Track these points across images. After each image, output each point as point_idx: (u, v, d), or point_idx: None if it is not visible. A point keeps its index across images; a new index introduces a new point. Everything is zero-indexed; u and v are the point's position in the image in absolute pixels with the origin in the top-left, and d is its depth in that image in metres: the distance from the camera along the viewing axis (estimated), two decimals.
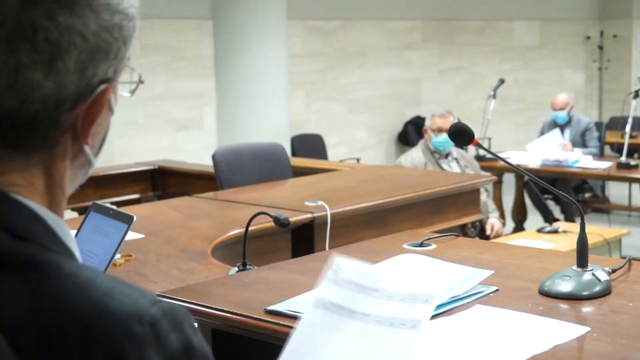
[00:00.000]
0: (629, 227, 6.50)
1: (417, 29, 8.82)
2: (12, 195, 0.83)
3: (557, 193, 1.84)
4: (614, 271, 1.88)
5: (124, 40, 0.88)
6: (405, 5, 8.63)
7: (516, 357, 1.44)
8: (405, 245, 2.23)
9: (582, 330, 1.56)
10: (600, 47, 10.77)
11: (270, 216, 2.43)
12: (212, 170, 4.49)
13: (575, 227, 5.46)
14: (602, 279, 1.77)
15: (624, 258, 2.01)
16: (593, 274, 1.78)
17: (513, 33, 9.87)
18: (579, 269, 1.80)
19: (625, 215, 8.15)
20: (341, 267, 1.47)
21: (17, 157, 0.84)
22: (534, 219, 6.92)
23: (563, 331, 1.55)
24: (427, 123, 5.46)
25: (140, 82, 1.00)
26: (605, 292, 1.76)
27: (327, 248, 3.27)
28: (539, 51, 10.16)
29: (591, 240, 4.32)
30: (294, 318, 1.55)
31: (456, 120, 5.46)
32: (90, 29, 0.82)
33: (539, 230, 5.26)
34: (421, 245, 2.23)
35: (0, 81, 0.80)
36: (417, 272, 1.87)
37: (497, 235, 5.21)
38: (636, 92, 6.13)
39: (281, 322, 1.66)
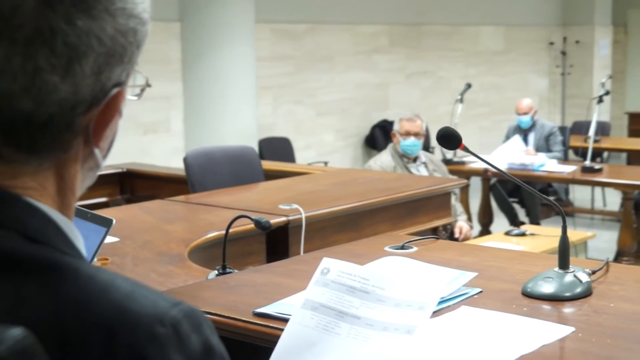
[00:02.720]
0: (592, 230, 6.61)
1: (384, 34, 8.88)
2: (25, 198, 0.83)
3: (542, 196, 1.87)
4: (593, 272, 1.91)
5: (137, 44, 0.88)
6: (372, 9, 8.68)
7: (504, 357, 1.46)
8: (386, 248, 2.25)
9: (567, 330, 1.59)
10: (563, 53, 10.93)
11: (251, 219, 2.43)
12: (181, 173, 4.48)
13: (540, 230, 5.55)
14: (583, 281, 1.81)
15: (594, 260, 2.05)
16: (574, 276, 1.81)
17: (479, 38, 9.97)
18: (561, 271, 1.84)
19: (588, 218, 8.28)
20: (329, 268, 1.48)
21: (30, 160, 0.83)
22: (499, 222, 7.00)
23: (549, 331, 1.58)
24: (395, 127, 5.49)
25: (148, 85, 1.00)
26: (587, 293, 1.80)
27: (302, 251, 3.28)
28: (504, 56, 10.28)
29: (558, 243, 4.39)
30: (283, 320, 1.56)
31: (424, 124, 5.51)
32: (107, 33, 0.83)
33: (507, 233, 5.32)
34: (402, 247, 2.25)
35: (16, 84, 0.80)
36: (404, 274, 1.89)
37: (466, 238, 5.25)
38: (600, 97, 6.23)
39: (270, 325, 1.66)
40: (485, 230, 6.72)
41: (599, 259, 2.08)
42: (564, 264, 1.85)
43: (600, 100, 6.25)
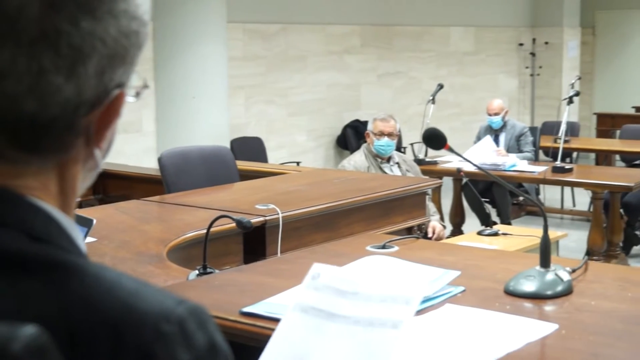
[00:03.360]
0: (562, 230, 6.68)
1: (355, 34, 8.90)
2: (28, 198, 0.83)
3: (527, 197, 1.89)
4: (573, 271, 1.94)
5: (139, 45, 0.89)
6: (344, 10, 8.71)
7: (491, 354, 1.48)
8: (368, 248, 2.26)
9: (551, 327, 1.61)
10: (533, 54, 11.04)
11: (233, 219, 2.43)
12: (154, 173, 4.46)
13: (512, 229, 5.58)
14: (564, 279, 1.84)
15: (570, 259, 2.08)
16: (556, 274, 1.84)
17: (449, 39, 10.04)
18: (542, 269, 1.86)
19: (558, 218, 8.37)
20: (320, 273, 1.49)
21: (33, 160, 0.84)
22: (470, 221, 7.05)
23: (533, 329, 1.60)
24: (369, 127, 5.50)
25: (145, 86, 1.01)
26: (568, 292, 1.83)
27: (279, 251, 3.29)
28: (474, 57, 10.35)
29: (530, 242, 4.43)
30: (271, 319, 1.57)
31: (397, 124, 5.54)
32: (111, 35, 0.83)
33: (479, 233, 5.34)
34: (384, 247, 2.26)
35: (21, 85, 0.80)
36: (388, 273, 1.91)
37: (439, 238, 5.27)
38: (570, 98, 6.30)
39: (257, 324, 1.67)
40: (457, 230, 6.75)
41: (572, 258, 2.11)
42: (545, 262, 1.87)
43: (570, 101, 6.32)
